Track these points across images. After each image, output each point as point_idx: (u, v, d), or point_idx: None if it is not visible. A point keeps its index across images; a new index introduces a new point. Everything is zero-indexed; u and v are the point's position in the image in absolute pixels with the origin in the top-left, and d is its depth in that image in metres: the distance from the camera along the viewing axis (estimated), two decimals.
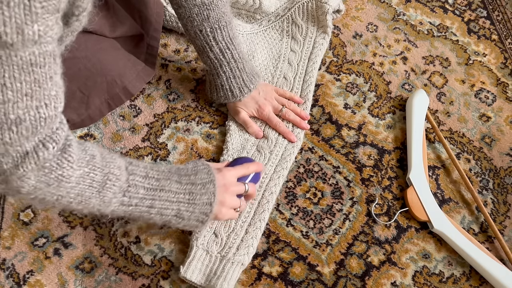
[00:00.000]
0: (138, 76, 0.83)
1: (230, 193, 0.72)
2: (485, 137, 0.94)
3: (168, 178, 0.66)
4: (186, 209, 0.67)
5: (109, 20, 0.80)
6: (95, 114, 0.81)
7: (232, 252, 0.76)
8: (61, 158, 0.53)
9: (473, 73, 1.02)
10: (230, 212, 0.73)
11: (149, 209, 0.64)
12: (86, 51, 0.76)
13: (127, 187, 0.61)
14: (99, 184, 0.58)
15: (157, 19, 0.86)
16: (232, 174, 0.73)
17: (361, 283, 0.78)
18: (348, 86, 0.97)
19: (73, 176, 0.55)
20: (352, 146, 0.90)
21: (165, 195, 0.65)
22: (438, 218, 0.82)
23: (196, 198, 0.67)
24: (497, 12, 1.11)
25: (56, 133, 0.52)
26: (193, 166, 0.70)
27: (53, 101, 0.50)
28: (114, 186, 0.60)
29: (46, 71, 0.47)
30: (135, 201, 0.63)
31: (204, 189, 0.68)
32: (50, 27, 0.45)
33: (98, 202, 0.60)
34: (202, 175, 0.69)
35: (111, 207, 0.61)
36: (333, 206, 0.84)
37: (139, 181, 0.63)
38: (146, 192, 0.63)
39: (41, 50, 0.46)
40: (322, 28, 1.00)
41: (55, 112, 0.50)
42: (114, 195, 0.60)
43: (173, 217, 0.67)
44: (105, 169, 0.59)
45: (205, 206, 0.68)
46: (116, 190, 0.60)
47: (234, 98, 0.86)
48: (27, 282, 0.74)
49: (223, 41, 0.82)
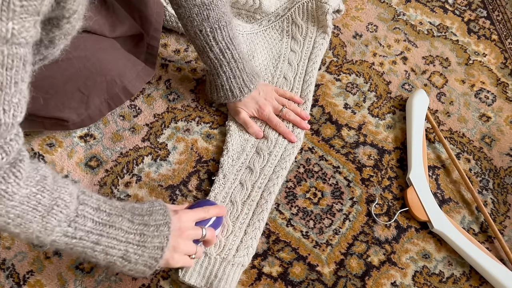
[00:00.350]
0: (138, 76, 0.83)
1: (185, 237, 0.67)
2: (485, 137, 0.94)
3: (121, 215, 0.61)
4: (134, 251, 0.62)
5: (108, 20, 0.80)
6: (95, 114, 0.81)
7: (231, 254, 0.76)
8: (8, 172, 0.50)
9: (473, 73, 1.02)
10: (184, 259, 0.68)
11: (94, 246, 0.59)
12: (85, 51, 0.76)
13: (74, 217, 0.57)
14: (44, 208, 0.54)
15: (157, 19, 0.86)
16: (189, 217, 0.69)
17: (361, 283, 0.78)
18: (348, 86, 0.97)
19: (18, 195, 0.51)
20: (352, 146, 0.90)
21: (114, 232, 0.60)
22: (438, 218, 0.82)
23: (147, 240, 0.62)
24: (497, 12, 1.11)
25: (8, 143, 0.49)
26: (148, 206, 0.65)
27: (13, 108, 0.46)
28: (61, 213, 0.55)
29: (12, 75, 0.44)
30: (80, 233, 0.58)
31: (157, 232, 0.63)
32: (26, 28, 0.43)
33: (39, 228, 0.55)
34: (157, 216, 0.64)
35: (53, 236, 0.56)
36: (333, 206, 0.84)
37: (89, 212, 0.58)
38: (94, 226, 0.59)
39: (11, 51, 0.43)
40: (322, 28, 1.00)
41: (13, 120, 0.47)
42: (59, 223, 0.56)
43: (119, 258, 0.62)
44: (55, 193, 0.55)
45: (155, 250, 0.63)
46: (62, 218, 0.56)
47: (234, 98, 0.86)
48: (27, 282, 0.74)
49: (223, 41, 0.82)
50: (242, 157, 0.86)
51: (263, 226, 0.80)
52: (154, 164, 0.85)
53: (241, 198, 0.81)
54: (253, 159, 0.86)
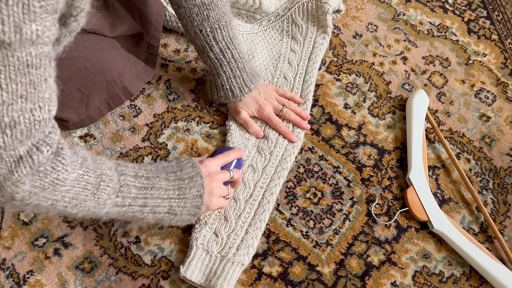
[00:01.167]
0: (138, 76, 0.83)
1: (216, 181, 0.73)
2: (485, 137, 0.94)
3: (157, 176, 0.66)
4: (177, 205, 0.68)
5: (108, 19, 0.80)
6: (95, 114, 0.81)
7: (232, 252, 0.76)
8: (55, 161, 0.53)
9: (473, 73, 1.02)
10: (220, 201, 0.74)
11: (142, 208, 0.65)
12: (85, 51, 0.76)
13: (119, 187, 0.62)
14: (93, 186, 0.58)
15: (157, 18, 0.86)
16: (214, 163, 0.74)
17: (361, 283, 0.78)
18: (348, 86, 0.97)
19: (68, 179, 0.55)
20: (352, 146, 0.90)
21: (156, 193, 0.65)
22: (438, 218, 0.82)
23: (186, 192, 0.68)
24: (497, 12, 1.11)
25: (49, 136, 0.52)
26: (176, 162, 0.71)
27: (47, 104, 0.49)
28: (108, 187, 0.60)
29: (42, 73, 0.47)
30: (128, 201, 0.63)
31: (192, 182, 0.69)
32: (47, 28, 0.45)
33: (93, 204, 0.59)
34: (187, 169, 0.69)
35: (106, 208, 0.61)
36: (333, 206, 0.84)
37: (130, 180, 0.63)
38: (138, 192, 0.64)
39: (37, 51, 0.45)
40: (322, 28, 1.00)
41: (49, 115, 0.50)
42: (108, 196, 0.60)
43: (166, 214, 0.68)
44: (98, 170, 0.59)
45: (195, 199, 0.69)
46: (110, 191, 0.60)
47: (234, 98, 0.86)
48: (27, 282, 0.74)
49: (223, 41, 0.82)
50: (244, 154, 0.86)
51: (264, 227, 0.80)
52: None
53: (243, 197, 0.81)
54: (255, 158, 0.86)
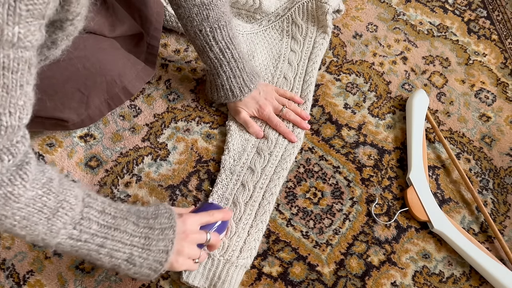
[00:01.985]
0: (138, 76, 0.83)
1: (189, 241, 0.67)
2: (485, 137, 0.94)
3: (126, 218, 0.62)
4: (139, 255, 0.62)
5: (108, 19, 0.80)
6: (95, 114, 0.81)
7: (235, 256, 0.76)
8: (14, 174, 0.50)
9: (473, 73, 1.02)
10: (188, 263, 0.68)
11: (99, 248, 0.60)
12: (85, 51, 0.76)
13: (79, 219, 0.57)
14: (50, 211, 0.54)
15: (157, 18, 0.86)
16: (194, 221, 0.68)
17: (361, 283, 0.78)
18: (348, 86, 0.97)
19: (24, 197, 0.51)
20: (352, 146, 0.90)
21: (119, 235, 0.60)
22: (438, 218, 0.82)
23: (152, 243, 0.62)
24: (497, 12, 1.11)
25: (15, 146, 0.49)
26: (154, 209, 0.66)
27: (18, 111, 0.47)
28: (66, 216, 0.56)
29: (18, 78, 0.45)
30: (85, 236, 0.58)
31: (162, 235, 0.63)
32: (31, 32, 0.43)
33: (44, 230, 0.55)
34: (162, 220, 0.64)
35: (58, 238, 0.57)
36: (333, 206, 0.84)
37: (94, 215, 0.59)
38: (99, 229, 0.59)
39: (16, 54, 0.43)
40: (322, 28, 1.00)
41: (19, 123, 0.47)
42: (64, 225, 0.56)
43: (124, 261, 0.62)
44: (60, 195, 0.55)
45: (160, 253, 0.63)
46: (68, 221, 0.56)
47: (234, 98, 0.86)
48: (27, 282, 0.74)
49: (223, 40, 0.82)
50: (243, 157, 0.86)
51: (265, 228, 0.80)
52: (154, 164, 0.85)
53: (243, 199, 0.81)
54: (254, 159, 0.86)
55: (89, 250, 0.59)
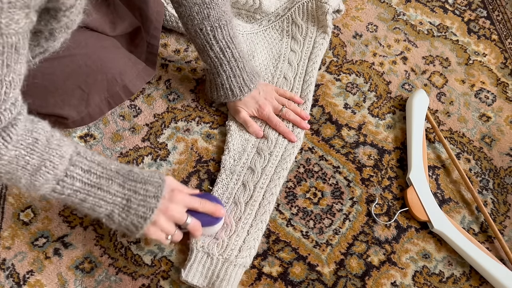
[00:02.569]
0: (139, 75, 0.83)
1: (168, 217, 0.68)
2: (485, 137, 0.94)
3: (111, 178, 0.65)
4: (118, 214, 0.65)
5: (109, 17, 0.80)
6: (95, 112, 0.81)
7: (234, 255, 0.76)
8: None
9: (473, 73, 1.02)
10: (159, 235, 0.69)
11: (81, 202, 0.64)
12: (86, 48, 0.76)
13: (63, 176, 0.61)
14: (33, 168, 0.59)
15: (157, 17, 0.86)
16: (181, 200, 0.70)
17: (361, 283, 0.78)
18: (348, 86, 0.97)
19: (6, 156, 0.56)
20: (352, 146, 0.90)
21: (101, 194, 0.64)
22: (438, 218, 0.82)
23: (132, 207, 0.65)
24: (497, 12, 1.11)
25: (1, 113, 0.53)
26: (147, 175, 0.67)
27: (5, 86, 0.51)
28: (48, 174, 0.60)
29: (4, 59, 0.48)
30: (68, 191, 0.62)
31: (144, 202, 0.66)
32: (15, 21, 0.46)
33: (28, 184, 0.60)
34: (149, 187, 0.66)
35: (41, 191, 0.62)
36: (333, 206, 0.84)
37: (78, 173, 0.62)
38: (82, 186, 0.63)
39: (0, 40, 0.47)
40: (322, 28, 1.00)
41: (4, 96, 0.52)
42: (47, 181, 0.60)
43: (105, 216, 0.66)
44: (45, 155, 0.59)
45: (138, 218, 0.66)
46: (50, 178, 0.60)
47: (234, 97, 0.86)
48: (27, 282, 0.74)
49: (223, 39, 0.82)
50: (243, 157, 0.86)
51: (265, 228, 0.80)
52: (154, 164, 0.85)
53: (244, 199, 0.81)
54: (254, 159, 0.86)
55: (72, 202, 0.64)
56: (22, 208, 0.79)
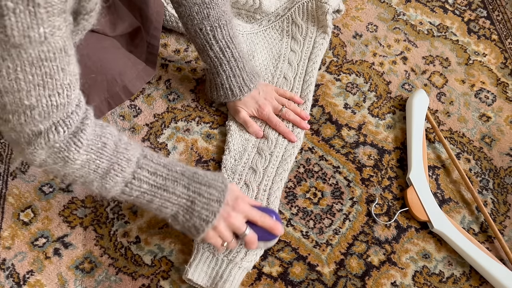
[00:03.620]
0: (139, 75, 0.83)
1: (228, 223, 0.68)
2: (485, 137, 0.94)
3: (176, 180, 0.66)
4: (183, 215, 0.67)
5: (109, 17, 0.80)
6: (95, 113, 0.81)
7: (240, 257, 0.75)
8: (70, 142, 0.57)
9: (473, 73, 1.02)
10: (216, 240, 0.69)
11: (148, 203, 0.66)
12: (86, 49, 0.75)
13: (131, 179, 0.64)
14: (103, 171, 0.62)
15: (157, 18, 0.86)
16: (244, 210, 0.70)
17: (361, 283, 0.78)
18: (348, 86, 0.97)
19: (78, 160, 0.59)
20: (352, 146, 0.90)
21: (167, 196, 0.66)
22: (438, 218, 0.82)
23: (196, 209, 0.67)
24: (497, 12, 1.11)
25: (70, 117, 0.56)
26: (212, 178, 0.68)
27: (66, 90, 0.54)
28: (117, 177, 0.63)
29: (58, 64, 0.51)
30: (136, 193, 0.65)
31: (208, 205, 0.67)
32: (57, 27, 0.48)
33: (100, 186, 0.63)
34: (213, 191, 0.67)
35: (112, 193, 0.64)
36: (333, 206, 0.84)
37: (145, 176, 0.64)
38: (149, 188, 0.65)
39: (50, 47, 0.49)
40: (322, 28, 1.00)
41: (68, 99, 0.55)
42: (116, 184, 0.63)
43: (171, 216, 0.68)
44: (113, 158, 0.62)
45: (201, 221, 0.67)
46: (119, 180, 0.63)
47: (234, 97, 0.86)
48: (27, 282, 0.74)
49: (223, 39, 0.82)
50: (244, 157, 0.86)
51: None
52: None
53: None
54: (255, 159, 0.86)
55: (140, 203, 0.67)
56: (22, 208, 0.79)
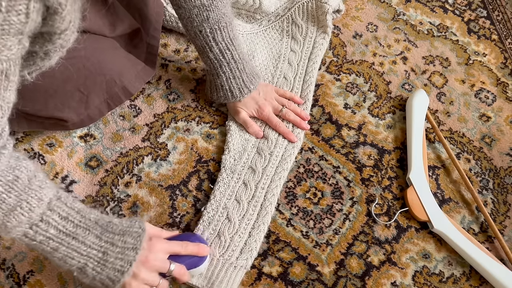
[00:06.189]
0: (138, 75, 0.83)
1: (149, 267, 0.65)
2: (485, 137, 0.94)
3: (88, 229, 0.62)
4: (93, 267, 0.62)
5: (108, 19, 0.80)
6: (95, 114, 0.81)
7: (235, 256, 0.76)
8: None
9: (473, 73, 1.02)
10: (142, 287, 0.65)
11: (52, 251, 0.61)
12: (85, 51, 0.76)
13: (38, 221, 0.58)
14: (8, 207, 0.55)
15: (157, 18, 0.86)
16: (162, 248, 0.67)
17: (361, 283, 0.78)
18: (348, 86, 0.97)
19: None
20: (352, 146, 0.90)
21: (76, 244, 0.61)
22: (438, 218, 0.82)
23: (109, 260, 0.62)
24: (497, 12, 1.11)
25: None
26: (126, 226, 0.65)
27: None
28: (23, 216, 0.57)
29: None
30: (40, 238, 0.59)
31: (122, 255, 0.62)
32: (7, 47, 0.45)
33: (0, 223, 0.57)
34: (128, 239, 0.63)
35: (12, 234, 0.58)
36: (333, 206, 0.84)
37: (55, 220, 0.59)
38: (56, 234, 0.60)
39: None
40: (322, 28, 1.00)
41: None
42: (20, 224, 0.57)
43: (77, 269, 0.62)
44: (23, 195, 0.56)
45: (115, 272, 0.62)
46: (24, 220, 0.57)
47: (233, 98, 0.86)
48: (27, 282, 0.74)
49: (223, 41, 0.82)
50: (243, 156, 0.86)
51: (266, 229, 0.80)
52: (154, 164, 0.85)
53: (246, 198, 0.81)
54: (255, 159, 0.86)
55: (43, 250, 0.61)
56: None
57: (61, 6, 0.46)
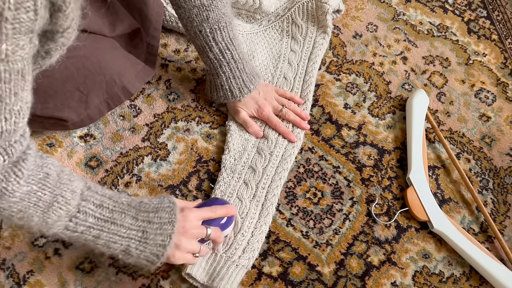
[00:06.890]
0: (138, 75, 0.83)
1: (188, 236, 0.68)
2: (485, 137, 0.94)
3: (123, 212, 0.63)
4: (136, 247, 0.64)
5: (108, 18, 0.80)
6: (94, 114, 0.81)
7: (237, 255, 0.76)
8: (9, 171, 0.52)
9: (473, 73, 1.02)
10: (186, 257, 0.69)
11: (95, 239, 0.62)
12: (85, 50, 0.76)
13: (76, 212, 0.60)
14: (45, 205, 0.57)
15: (157, 18, 0.86)
16: (195, 216, 0.69)
17: (361, 283, 0.78)
18: (348, 86, 0.97)
19: (18, 192, 0.54)
20: (352, 146, 0.90)
21: (116, 228, 0.62)
22: (438, 218, 0.82)
23: (150, 237, 0.64)
24: (497, 12, 1.11)
25: (12, 146, 0.52)
26: (157, 202, 0.67)
27: (14, 116, 0.49)
28: (61, 210, 0.58)
29: (11, 87, 0.47)
30: (81, 228, 0.61)
31: (161, 230, 0.65)
32: (20, 47, 0.45)
33: (40, 221, 0.58)
34: (162, 214, 0.65)
35: (54, 229, 0.60)
36: (333, 206, 0.84)
37: (91, 208, 0.61)
38: (96, 222, 0.61)
39: (7, 67, 0.45)
40: (322, 28, 1.00)
41: (14, 127, 0.50)
42: (59, 218, 0.58)
43: (121, 251, 0.64)
44: (56, 190, 0.57)
45: (157, 247, 0.65)
46: (62, 214, 0.58)
47: (233, 98, 0.86)
48: (27, 282, 0.74)
49: (223, 41, 0.82)
50: (244, 156, 0.86)
51: (267, 230, 0.80)
52: (154, 164, 0.85)
53: (247, 196, 0.81)
54: (255, 159, 0.86)
55: (86, 240, 0.62)
56: None
57: (65, 3, 0.47)
